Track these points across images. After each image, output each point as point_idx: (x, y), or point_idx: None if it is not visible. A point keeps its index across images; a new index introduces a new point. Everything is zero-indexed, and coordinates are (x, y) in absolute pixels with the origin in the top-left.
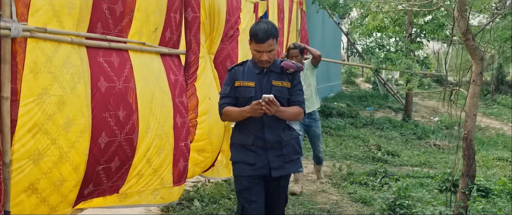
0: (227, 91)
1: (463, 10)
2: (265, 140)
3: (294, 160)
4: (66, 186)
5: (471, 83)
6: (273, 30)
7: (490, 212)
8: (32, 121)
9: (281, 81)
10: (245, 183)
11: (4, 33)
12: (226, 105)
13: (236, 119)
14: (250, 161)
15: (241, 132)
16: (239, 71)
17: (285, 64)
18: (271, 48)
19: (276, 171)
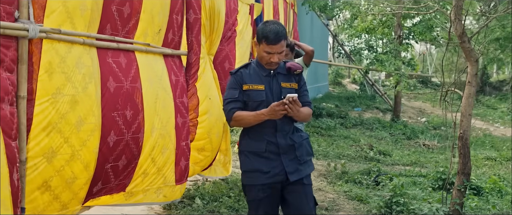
0: (236, 96)
1: (460, 14)
2: (278, 145)
3: (307, 161)
4: (77, 183)
5: (466, 84)
6: (284, 31)
7: (484, 209)
8: (47, 119)
9: (289, 83)
10: (260, 193)
11: (22, 34)
12: (236, 110)
13: (250, 123)
14: (264, 169)
15: (252, 138)
16: (245, 74)
17: (292, 65)
18: (282, 49)
19: (293, 175)
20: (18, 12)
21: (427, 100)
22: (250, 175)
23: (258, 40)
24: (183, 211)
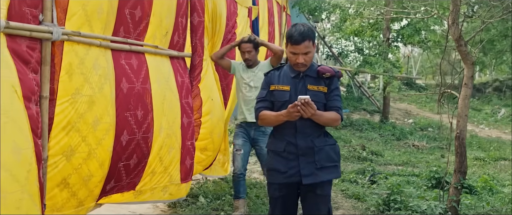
0: (264, 95)
1: (457, 19)
2: (297, 146)
3: (327, 167)
4: (92, 181)
5: (463, 86)
6: (309, 32)
7: (478, 206)
8: (66, 119)
9: (317, 86)
10: (277, 192)
11: (46, 36)
12: (262, 109)
13: (272, 123)
14: (282, 169)
15: (275, 137)
16: (274, 76)
17: (322, 68)
18: (307, 50)
19: (307, 178)
20: (42, 15)
21: (412, 102)
22: (270, 173)
23: (286, 42)
24: (187, 209)
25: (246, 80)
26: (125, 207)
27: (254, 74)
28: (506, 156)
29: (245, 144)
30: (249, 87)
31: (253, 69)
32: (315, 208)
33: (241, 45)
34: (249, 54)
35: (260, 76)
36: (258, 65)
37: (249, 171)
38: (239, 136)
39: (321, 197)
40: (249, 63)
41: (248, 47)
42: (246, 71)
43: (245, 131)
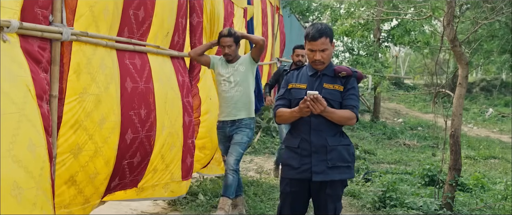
0: (282, 94)
1: (451, 20)
2: (310, 143)
3: (340, 166)
4: (98, 178)
5: (457, 86)
6: (327, 30)
7: (471, 203)
8: (74, 117)
9: (333, 84)
10: (288, 187)
11: (56, 37)
12: (279, 107)
13: (287, 120)
14: (295, 165)
15: (292, 134)
16: (293, 75)
17: (338, 67)
18: (324, 47)
19: (317, 175)
20: (52, 16)
21: (401, 101)
22: (283, 168)
23: (304, 40)
24: (187, 206)
25: (225, 76)
26: (126, 205)
27: (234, 69)
28: (495, 154)
29: (226, 149)
30: (228, 83)
31: (233, 64)
32: (322, 206)
33: (221, 39)
34: (229, 48)
35: (241, 71)
36: (239, 60)
37: (245, 169)
38: (220, 140)
39: (330, 196)
40: (229, 58)
41: (228, 42)
42: (226, 66)
43: (223, 132)
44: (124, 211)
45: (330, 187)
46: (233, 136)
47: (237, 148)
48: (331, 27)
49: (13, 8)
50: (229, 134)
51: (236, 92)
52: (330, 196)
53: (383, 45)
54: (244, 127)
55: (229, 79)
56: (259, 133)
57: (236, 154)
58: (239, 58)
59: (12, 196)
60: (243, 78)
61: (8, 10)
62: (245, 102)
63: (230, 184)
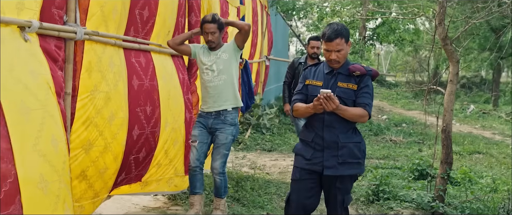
0: (300, 89)
1: (443, 19)
2: (323, 139)
3: (350, 163)
4: (107, 173)
5: (448, 83)
6: (343, 31)
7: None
8: (86, 114)
9: (347, 83)
10: (297, 174)
11: (71, 36)
12: (297, 101)
13: (303, 114)
14: (307, 156)
15: (307, 128)
16: (311, 71)
17: (353, 66)
18: (339, 47)
19: (328, 170)
20: (66, 16)
21: (384, 98)
22: (296, 157)
23: (321, 40)
24: (187, 201)
25: (207, 65)
26: (128, 200)
27: (217, 57)
28: (480, 150)
29: (201, 134)
30: (211, 72)
31: (216, 51)
32: (332, 198)
33: (204, 26)
34: (213, 35)
35: (224, 58)
36: (222, 47)
37: (239, 165)
38: (196, 126)
39: (339, 189)
40: (212, 45)
41: (211, 28)
42: (208, 54)
43: (204, 121)
44: (127, 206)
45: (340, 181)
46: (216, 133)
47: (222, 150)
48: (347, 28)
49: (33, 9)
50: (211, 125)
51: (219, 81)
52: (340, 189)
53: (369, 44)
54: (229, 123)
55: (212, 67)
56: (249, 130)
57: (221, 158)
58: (222, 46)
59: (39, 189)
60: (226, 66)
61: (29, 10)
62: (230, 91)
63: (219, 186)
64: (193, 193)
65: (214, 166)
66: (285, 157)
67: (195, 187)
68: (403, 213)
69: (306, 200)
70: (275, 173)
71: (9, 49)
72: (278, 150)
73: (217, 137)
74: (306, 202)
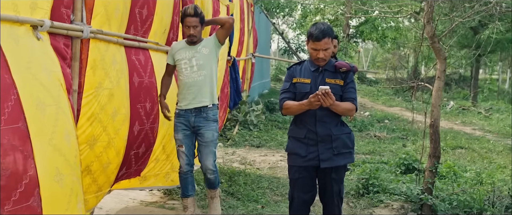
0: (287, 87)
1: (431, 18)
2: (316, 134)
3: (343, 153)
4: (110, 168)
5: (436, 79)
6: (329, 30)
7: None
8: (91, 110)
9: (334, 79)
10: (296, 174)
11: (77, 35)
12: (286, 99)
13: (295, 112)
14: (302, 153)
15: (297, 125)
16: (296, 70)
17: (338, 63)
18: (326, 46)
19: (324, 162)
20: (73, 15)
21: (365, 95)
22: (290, 156)
23: (307, 39)
24: None
25: (186, 59)
26: (125, 194)
27: (196, 51)
28: (462, 145)
29: (185, 137)
30: (190, 67)
31: (195, 46)
32: (328, 188)
33: (186, 19)
34: (195, 29)
35: (204, 53)
36: (202, 42)
37: (229, 161)
38: (178, 128)
39: (335, 180)
40: (193, 39)
41: (193, 22)
42: (187, 49)
43: (185, 120)
44: (125, 200)
45: (335, 172)
46: (201, 131)
47: (212, 148)
48: (331, 26)
49: (44, 8)
50: (193, 124)
51: (199, 76)
52: (335, 179)
53: (352, 41)
54: (211, 120)
55: (191, 62)
56: (237, 126)
57: (212, 156)
58: (202, 40)
59: (55, 182)
60: (206, 61)
61: (40, 10)
62: (209, 87)
63: (213, 181)
64: (185, 196)
65: (207, 166)
66: (274, 152)
67: (188, 189)
68: (393, 205)
69: (306, 195)
70: (265, 168)
71: (25, 47)
72: (266, 146)
73: (202, 135)
74: (306, 197)
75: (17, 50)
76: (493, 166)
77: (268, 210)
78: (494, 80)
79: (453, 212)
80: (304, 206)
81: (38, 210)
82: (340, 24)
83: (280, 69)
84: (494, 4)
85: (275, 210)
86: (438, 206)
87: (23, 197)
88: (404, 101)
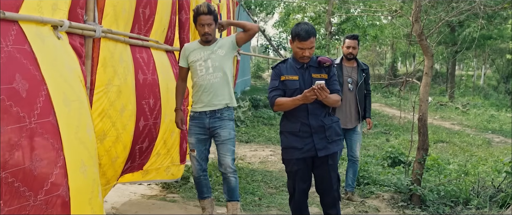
0: (276, 85)
1: (419, 16)
2: (310, 126)
3: (336, 140)
4: (117, 162)
5: (424, 75)
6: (313, 30)
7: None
8: (101, 106)
9: (319, 74)
10: (295, 166)
11: (90, 34)
12: (277, 97)
13: (288, 107)
14: (299, 146)
15: (289, 120)
16: (283, 68)
17: (321, 59)
18: (311, 45)
19: (321, 151)
20: (86, 15)
21: None
22: (287, 150)
23: (292, 38)
24: (181, 189)
25: (201, 60)
26: (125, 189)
27: (212, 52)
28: (443, 139)
29: (198, 142)
30: (205, 68)
31: (210, 46)
32: (327, 175)
33: (199, 18)
34: (209, 27)
35: (220, 55)
36: (217, 43)
37: None
38: (192, 132)
39: (332, 166)
40: (209, 38)
41: (208, 20)
42: (202, 49)
43: (199, 123)
44: (127, 194)
45: (331, 158)
46: (216, 130)
47: (229, 146)
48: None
49: (63, 9)
50: (209, 125)
51: (215, 78)
52: (332, 165)
53: (334, 39)
54: (227, 119)
55: (206, 64)
56: None
57: (230, 154)
58: (217, 41)
59: (81, 173)
60: (222, 62)
61: (60, 11)
62: (225, 89)
63: (234, 187)
64: (202, 198)
65: (225, 164)
66: (264, 147)
67: (203, 192)
68: (383, 196)
69: (305, 185)
70: (256, 163)
71: (49, 45)
72: (255, 141)
73: (219, 134)
74: (304, 187)
75: (44, 49)
76: (475, 159)
77: (266, 201)
78: (469, 76)
79: (441, 202)
80: (304, 195)
81: (66, 199)
82: (322, 21)
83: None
84: (478, 3)
85: (272, 201)
86: (427, 196)
87: (54, 187)
88: (383, 98)
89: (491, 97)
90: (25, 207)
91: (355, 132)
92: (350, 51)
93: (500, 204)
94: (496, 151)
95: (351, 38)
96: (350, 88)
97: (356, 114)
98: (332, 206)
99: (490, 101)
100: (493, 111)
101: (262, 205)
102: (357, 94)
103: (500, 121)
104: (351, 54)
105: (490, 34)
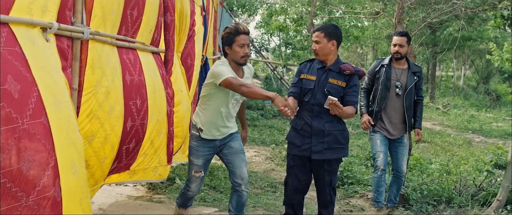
0: (295, 82)
1: (401, 19)
2: (311, 127)
3: (335, 148)
4: (105, 162)
5: None
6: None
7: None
8: (89, 108)
9: (337, 80)
10: (291, 162)
11: (78, 36)
12: (291, 95)
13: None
14: (297, 143)
15: (298, 117)
16: (306, 66)
17: (343, 66)
18: (316, 39)
19: (315, 154)
20: (74, 17)
21: None
22: (289, 145)
23: None
24: (167, 190)
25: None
26: (111, 190)
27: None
28: (425, 139)
29: (206, 163)
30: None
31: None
32: (320, 178)
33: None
34: (248, 48)
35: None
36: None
37: None
38: (200, 154)
39: (327, 171)
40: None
41: (247, 40)
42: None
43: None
44: (113, 195)
45: (327, 164)
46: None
47: (243, 157)
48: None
49: (52, 11)
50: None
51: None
52: (328, 171)
53: None
54: (234, 132)
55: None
56: None
57: (245, 164)
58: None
59: (72, 173)
60: None
61: (49, 13)
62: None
63: (244, 202)
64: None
65: (242, 175)
66: (248, 148)
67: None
68: (367, 195)
69: (299, 183)
70: None
71: (38, 47)
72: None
73: (231, 146)
74: (298, 185)
75: (34, 51)
76: (456, 158)
77: (252, 201)
78: (449, 77)
79: (424, 201)
80: (297, 193)
81: (58, 200)
82: (304, 23)
83: None
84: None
85: (258, 201)
86: (410, 195)
87: (46, 187)
88: None
89: (471, 98)
90: (17, 207)
91: (401, 143)
92: (397, 50)
93: (482, 203)
94: (477, 150)
95: (400, 35)
96: (398, 93)
97: (402, 123)
98: (325, 207)
99: (470, 102)
100: (473, 111)
101: (248, 205)
102: (405, 100)
103: (480, 121)
104: (399, 53)
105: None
